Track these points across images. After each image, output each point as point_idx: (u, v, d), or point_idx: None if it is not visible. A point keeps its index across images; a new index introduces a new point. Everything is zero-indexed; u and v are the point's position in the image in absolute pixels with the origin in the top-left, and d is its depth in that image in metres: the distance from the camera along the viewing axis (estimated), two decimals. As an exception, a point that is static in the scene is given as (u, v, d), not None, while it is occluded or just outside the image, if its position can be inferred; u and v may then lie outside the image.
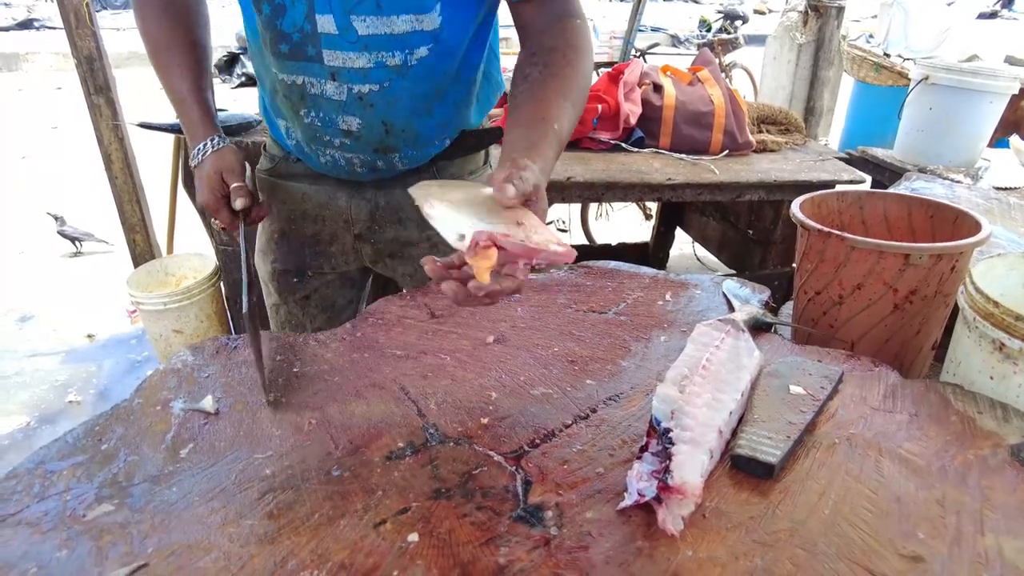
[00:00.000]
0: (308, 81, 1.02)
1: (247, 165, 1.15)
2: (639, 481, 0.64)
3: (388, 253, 1.27)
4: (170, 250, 2.75)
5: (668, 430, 0.68)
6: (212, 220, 1.17)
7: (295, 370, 0.88)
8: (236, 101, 7.00)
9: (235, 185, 1.09)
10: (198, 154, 1.09)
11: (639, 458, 0.67)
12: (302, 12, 0.95)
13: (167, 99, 1.11)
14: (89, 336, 2.97)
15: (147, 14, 1.09)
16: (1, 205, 4.47)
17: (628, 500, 0.63)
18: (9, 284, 3.40)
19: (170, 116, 1.25)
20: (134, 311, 3.01)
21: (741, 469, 0.69)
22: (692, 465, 0.64)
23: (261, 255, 1.31)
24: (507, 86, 1.05)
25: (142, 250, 2.69)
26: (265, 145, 1.29)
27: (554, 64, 0.93)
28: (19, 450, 2.25)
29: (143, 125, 2.24)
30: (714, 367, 0.79)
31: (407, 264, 1.28)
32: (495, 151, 1.29)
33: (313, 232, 1.25)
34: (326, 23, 0.96)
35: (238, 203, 1.07)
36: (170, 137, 2.36)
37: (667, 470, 0.63)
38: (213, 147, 1.09)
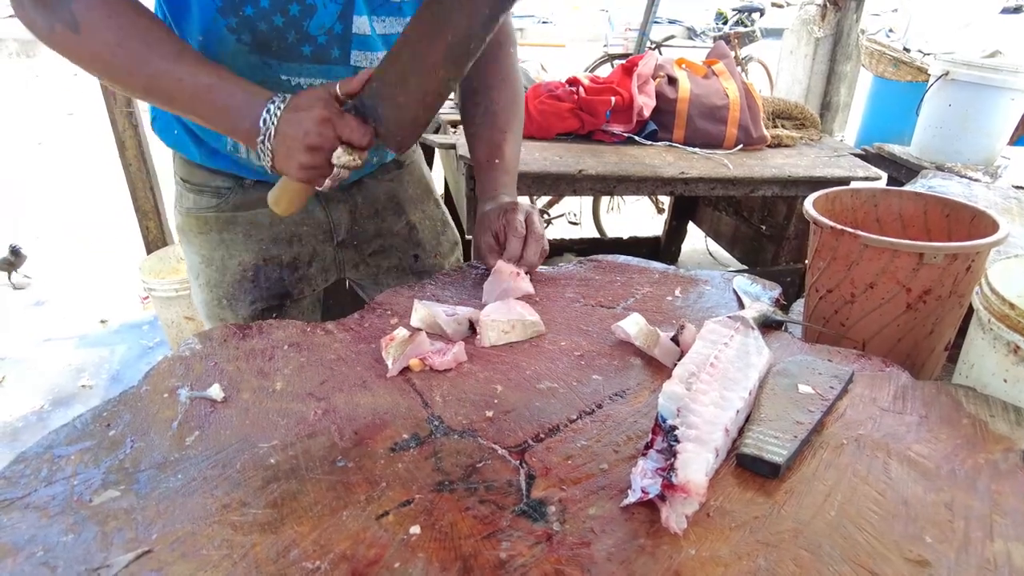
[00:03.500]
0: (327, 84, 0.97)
1: None
2: (643, 478, 0.64)
3: (370, 252, 1.28)
4: (182, 237, 2.76)
5: (674, 428, 0.67)
6: (338, 157, 0.88)
7: (302, 360, 0.88)
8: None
9: (355, 78, 0.88)
10: (271, 113, 0.85)
11: (644, 455, 0.67)
12: (334, 13, 0.94)
13: (177, 105, 0.89)
14: (102, 321, 3.00)
15: (94, 16, 0.83)
16: (18, 191, 4.52)
17: (632, 497, 0.63)
18: (24, 269, 3.43)
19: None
20: (146, 297, 3.04)
21: (747, 468, 0.68)
22: (697, 464, 0.63)
23: (227, 302, 1.17)
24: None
25: (155, 236, 2.72)
26: (192, 182, 1.13)
27: (493, 105, 1.16)
28: (33, 432, 2.29)
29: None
30: (722, 365, 0.78)
31: (391, 257, 1.30)
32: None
33: (291, 256, 1.18)
34: (361, 24, 0.97)
35: (356, 82, 0.87)
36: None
37: (672, 468, 0.62)
38: (282, 99, 0.86)
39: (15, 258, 3.25)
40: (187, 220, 1.16)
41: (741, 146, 2.40)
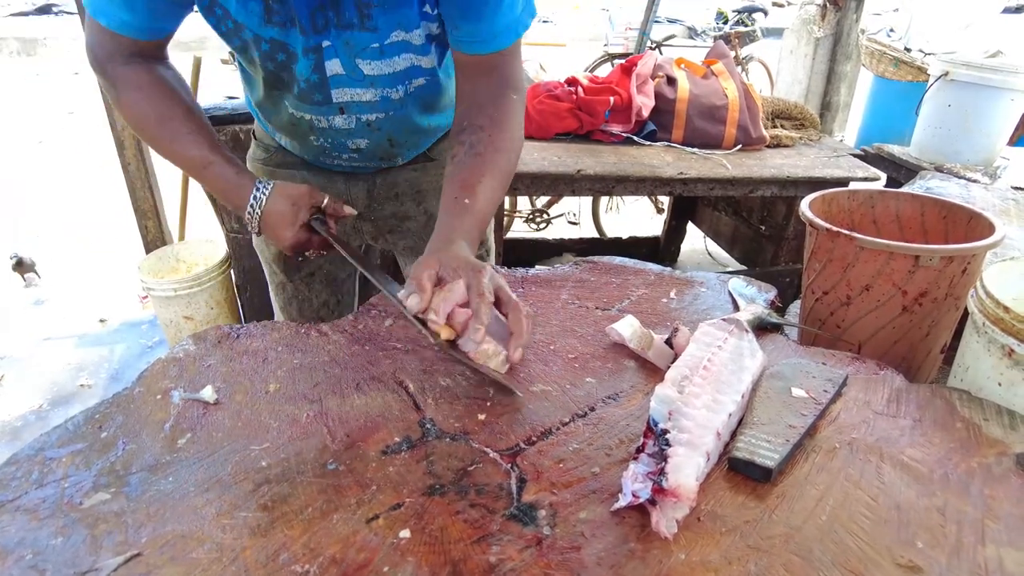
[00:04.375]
0: (316, 119, 1.08)
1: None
2: (634, 482, 0.63)
3: (387, 229, 1.34)
4: (181, 236, 2.77)
5: (665, 431, 0.67)
6: (308, 254, 1.10)
7: (296, 361, 0.88)
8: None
9: (329, 201, 1.05)
10: (256, 205, 1.01)
11: (635, 459, 0.66)
12: (308, 66, 1.00)
13: (183, 172, 1.08)
14: (102, 321, 3.00)
15: (133, 96, 1.00)
16: (18, 189, 4.52)
17: (622, 501, 0.63)
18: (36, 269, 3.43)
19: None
20: (145, 297, 3.04)
21: (738, 472, 0.68)
22: (688, 468, 0.63)
23: (265, 242, 1.33)
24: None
25: (154, 236, 2.71)
26: (255, 134, 1.30)
27: (478, 145, 0.99)
28: (32, 431, 2.29)
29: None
30: (715, 368, 0.78)
31: (406, 238, 1.36)
32: None
33: None
34: (334, 66, 1.01)
35: (348, 208, 1.08)
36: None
37: (662, 472, 0.62)
38: (266, 191, 1.02)
39: (21, 268, 3.27)
40: (249, 166, 1.30)
41: (740, 146, 2.39)
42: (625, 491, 0.63)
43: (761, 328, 0.96)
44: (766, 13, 5.82)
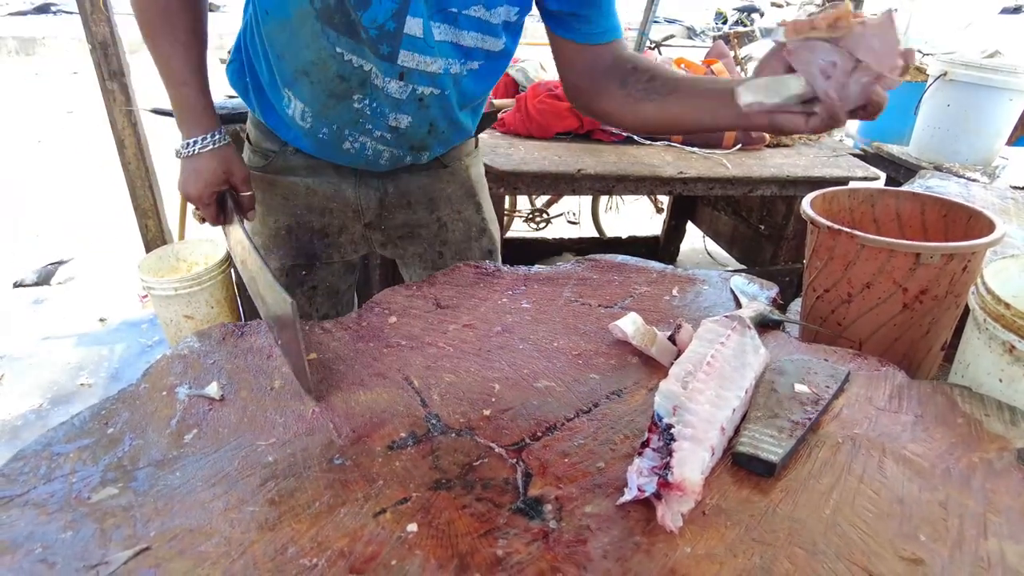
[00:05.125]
0: (375, 72, 1.00)
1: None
2: (639, 477, 0.64)
3: (398, 236, 1.31)
4: (181, 236, 2.77)
5: (670, 426, 0.68)
6: (194, 211, 1.16)
7: (309, 357, 0.88)
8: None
9: (248, 194, 1.11)
10: (196, 144, 1.06)
11: (640, 454, 0.67)
12: (389, 10, 0.94)
13: (156, 68, 1.05)
14: (101, 320, 3.00)
15: None
16: (17, 189, 4.52)
17: (628, 495, 0.63)
18: (24, 267, 3.43)
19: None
20: (145, 296, 3.04)
21: (743, 466, 0.69)
22: (693, 462, 0.63)
23: (264, 251, 1.27)
24: (516, 76, 1.15)
25: (154, 235, 2.72)
26: (250, 138, 1.24)
27: (658, 72, 1.03)
28: (32, 430, 2.29)
29: (156, 111, 2.25)
30: (719, 364, 0.78)
31: (418, 244, 1.32)
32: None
33: (321, 225, 1.25)
34: (414, 26, 0.96)
35: (251, 214, 1.12)
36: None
37: (667, 466, 0.63)
38: (215, 143, 1.07)
39: (42, 280, 3.27)
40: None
41: (740, 146, 2.40)
42: (631, 485, 0.64)
43: (763, 325, 0.96)
44: (762, 14, 5.83)
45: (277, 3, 0.97)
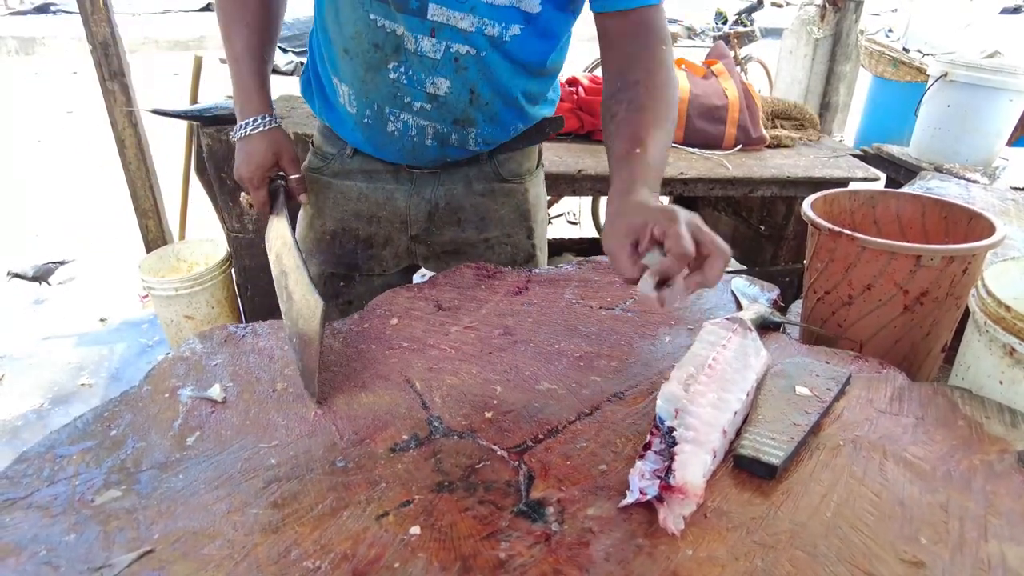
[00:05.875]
0: (406, 33, 1.00)
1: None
2: (641, 479, 0.64)
3: (442, 251, 1.28)
4: (182, 236, 2.77)
5: (672, 429, 0.68)
6: (244, 195, 1.14)
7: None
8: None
9: (295, 177, 1.11)
10: (248, 126, 1.08)
11: (642, 456, 0.67)
12: None
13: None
14: (102, 320, 3.00)
15: None
16: (17, 188, 4.52)
17: (630, 498, 0.63)
18: (24, 266, 3.43)
19: (183, 103, 1.23)
20: (146, 296, 3.04)
21: (744, 469, 0.69)
22: (695, 465, 0.64)
23: (307, 255, 1.26)
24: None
25: (154, 235, 2.72)
26: (313, 142, 1.25)
27: (638, 99, 0.96)
28: (32, 431, 2.29)
29: (157, 111, 2.25)
30: (720, 367, 0.79)
31: (461, 261, 1.26)
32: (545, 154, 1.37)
33: (368, 234, 1.24)
34: None
35: (303, 197, 1.11)
36: (183, 123, 2.38)
37: (669, 470, 0.63)
38: (266, 125, 1.08)
39: (39, 280, 3.26)
40: (308, 177, 1.26)
41: (740, 146, 2.40)
42: (632, 488, 0.64)
43: (763, 327, 0.97)
44: (762, 4, 5.80)
45: None
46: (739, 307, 1.03)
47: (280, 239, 1.06)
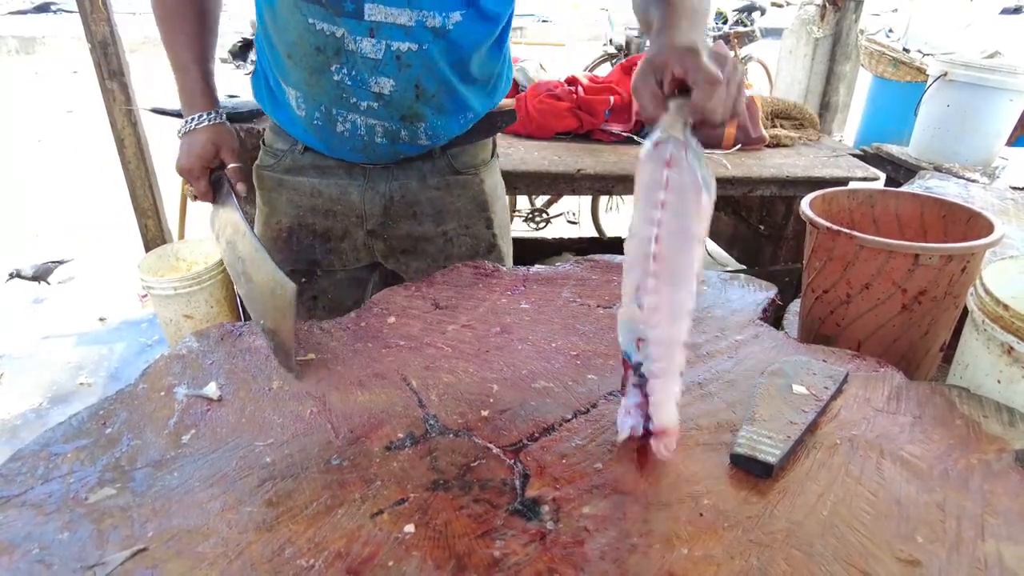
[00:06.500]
0: (346, 36, 1.00)
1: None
2: (627, 416, 0.68)
3: (401, 249, 1.27)
4: (181, 235, 2.77)
5: (639, 364, 0.69)
6: (187, 187, 1.18)
7: (299, 358, 0.88)
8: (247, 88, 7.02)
9: (234, 166, 1.12)
10: (192, 121, 1.11)
11: (623, 393, 0.71)
12: None
13: (169, 63, 1.12)
14: (101, 319, 3.00)
15: None
16: (17, 187, 4.52)
17: (622, 434, 0.69)
18: (23, 265, 3.43)
19: (175, 103, 1.25)
20: (145, 295, 3.04)
21: (741, 467, 0.69)
22: (668, 405, 0.68)
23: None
24: (516, 75, 1.08)
25: (154, 235, 2.71)
26: (264, 140, 1.26)
27: None
28: (31, 430, 2.29)
29: (156, 111, 2.25)
30: (664, 252, 0.66)
31: (420, 260, 1.27)
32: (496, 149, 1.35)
33: (324, 228, 1.24)
34: None
35: (240, 187, 1.11)
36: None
37: (648, 418, 0.68)
38: (210, 120, 1.11)
39: (38, 280, 3.24)
40: (255, 174, 1.27)
41: (740, 146, 2.40)
42: (622, 427, 0.69)
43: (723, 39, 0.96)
44: (763, 12, 5.80)
45: None
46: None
47: (231, 226, 1.07)
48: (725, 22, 5.78)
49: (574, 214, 4.26)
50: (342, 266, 1.28)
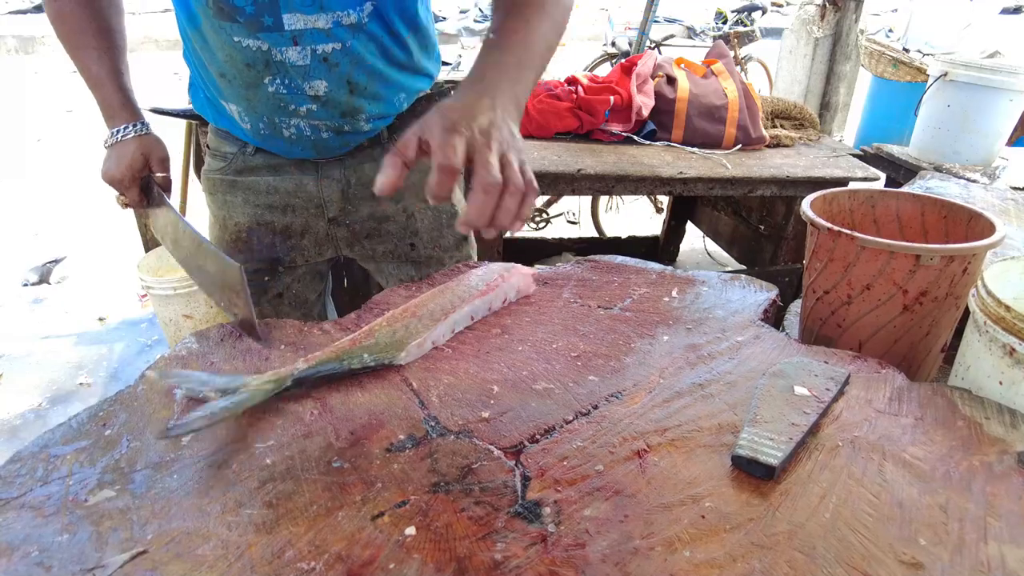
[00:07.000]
0: (272, 49, 1.02)
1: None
2: None
3: (365, 234, 1.28)
4: (181, 235, 2.76)
5: None
6: (118, 196, 1.19)
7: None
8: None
9: (161, 176, 1.15)
10: (117, 133, 1.11)
11: None
12: None
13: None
14: (101, 319, 3.00)
15: None
16: (16, 187, 4.51)
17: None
18: (23, 266, 3.43)
19: (182, 101, 1.25)
20: (145, 295, 3.04)
21: (742, 470, 0.68)
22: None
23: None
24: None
25: (153, 235, 2.71)
26: (208, 144, 1.26)
27: (517, 4, 0.89)
28: (31, 430, 2.29)
29: (155, 110, 2.24)
30: None
31: (386, 241, 1.29)
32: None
33: (284, 224, 1.24)
34: None
35: (166, 195, 1.15)
36: (182, 123, 2.37)
37: None
38: (137, 131, 1.12)
39: (41, 281, 3.25)
40: (204, 181, 1.27)
41: (740, 146, 2.40)
42: None
43: None
44: (764, 12, 5.80)
45: (188, 15, 1.03)
46: None
47: (171, 225, 1.12)
48: (725, 22, 5.78)
49: (574, 214, 4.27)
50: (304, 261, 1.29)
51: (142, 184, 1.15)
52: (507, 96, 0.74)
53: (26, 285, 3.18)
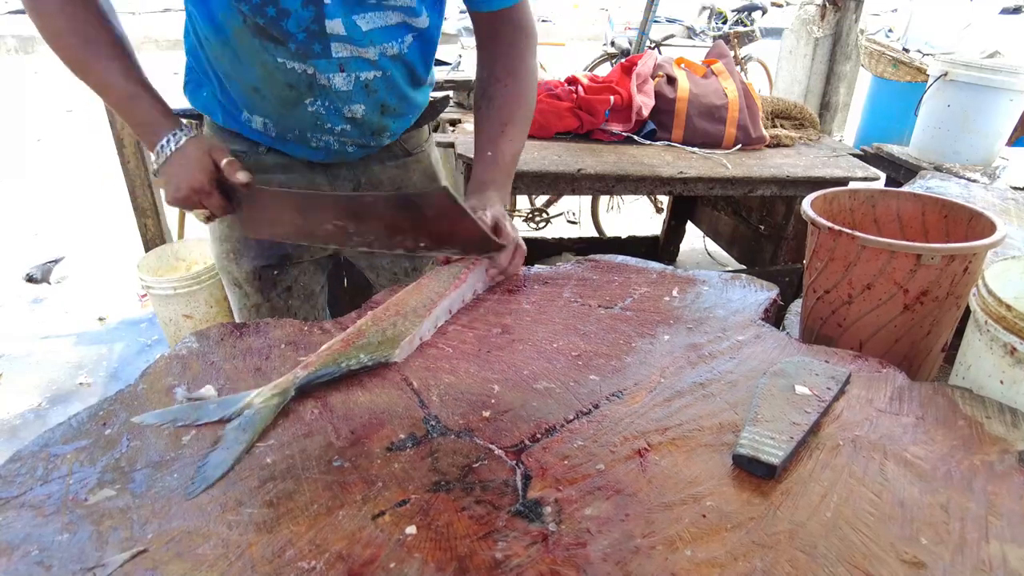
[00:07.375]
0: (318, 74, 1.05)
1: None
2: None
3: None
4: (180, 235, 2.77)
5: None
6: (198, 213, 1.09)
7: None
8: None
9: (228, 160, 1.05)
10: (170, 143, 1.03)
11: None
12: (309, 16, 0.99)
13: (99, 95, 1.03)
14: (101, 319, 3.00)
15: (48, 8, 0.96)
16: (16, 187, 4.51)
17: None
18: (23, 265, 3.43)
19: (182, 102, 1.22)
20: (145, 295, 3.03)
21: (743, 469, 0.68)
22: None
23: (234, 256, 1.27)
24: None
25: (153, 235, 2.71)
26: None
27: (498, 97, 1.17)
28: (30, 430, 2.28)
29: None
30: None
31: None
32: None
33: None
34: (335, 26, 1.01)
35: (241, 175, 1.04)
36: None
37: None
38: (187, 134, 1.05)
39: (39, 281, 3.25)
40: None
41: (740, 146, 2.40)
42: None
43: None
44: (764, 11, 5.80)
45: (214, 27, 1.00)
46: None
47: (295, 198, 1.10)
48: (725, 22, 5.78)
49: (574, 214, 4.26)
50: (310, 256, 1.33)
51: (220, 186, 1.07)
52: (503, 196, 1.16)
53: (28, 279, 3.18)
